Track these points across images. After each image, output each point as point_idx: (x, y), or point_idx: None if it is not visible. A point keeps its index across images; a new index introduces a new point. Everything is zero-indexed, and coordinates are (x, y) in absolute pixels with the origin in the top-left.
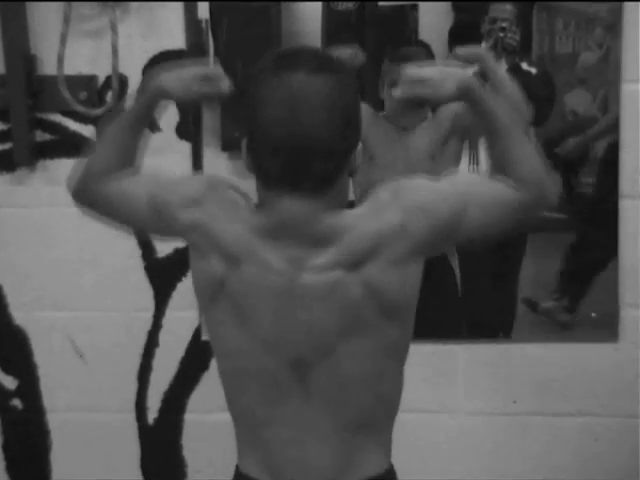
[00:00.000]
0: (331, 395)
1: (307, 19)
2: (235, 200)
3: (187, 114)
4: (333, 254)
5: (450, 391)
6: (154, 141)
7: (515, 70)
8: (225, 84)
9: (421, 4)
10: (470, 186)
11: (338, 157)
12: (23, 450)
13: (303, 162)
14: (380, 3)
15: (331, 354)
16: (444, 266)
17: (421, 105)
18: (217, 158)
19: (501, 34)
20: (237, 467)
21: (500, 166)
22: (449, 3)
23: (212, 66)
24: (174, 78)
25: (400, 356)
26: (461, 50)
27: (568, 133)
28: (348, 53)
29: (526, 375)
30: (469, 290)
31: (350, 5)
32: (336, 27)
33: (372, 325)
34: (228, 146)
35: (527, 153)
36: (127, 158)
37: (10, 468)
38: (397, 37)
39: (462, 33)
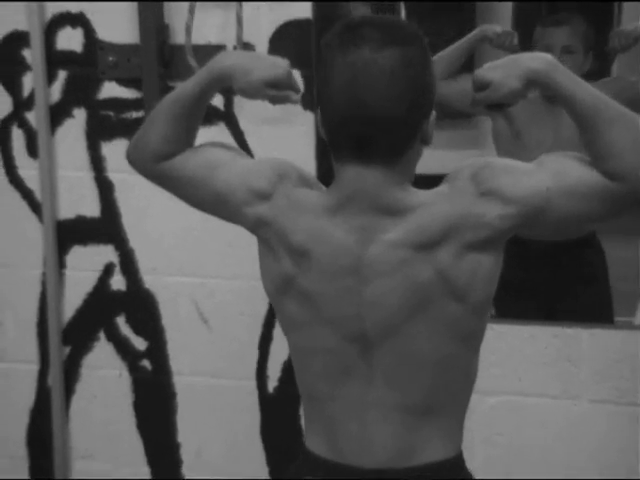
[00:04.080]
0: (394, 375)
1: None
2: (303, 190)
3: (312, 83)
4: (402, 230)
5: (573, 377)
6: (277, 111)
7: None
8: (295, 94)
9: None
10: (559, 173)
11: (407, 130)
12: (152, 410)
13: (371, 138)
14: None
15: (395, 333)
16: (592, 247)
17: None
18: None
19: None
20: (303, 443)
21: (592, 158)
22: None
23: (286, 70)
24: (243, 75)
25: (471, 342)
26: (623, 28)
27: None
28: (499, 33)
29: None
30: None
31: None
32: None
33: (439, 308)
34: None
35: (624, 144)
36: (186, 138)
37: (140, 426)
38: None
39: None
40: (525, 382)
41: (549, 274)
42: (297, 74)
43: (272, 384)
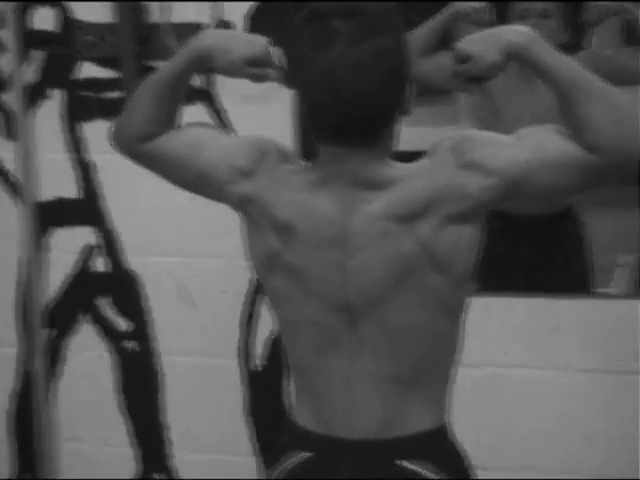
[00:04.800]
0: (380, 346)
1: None
2: (286, 166)
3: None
4: (384, 202)
5: (561, 347)
6: (256, 88)
7: None
8: (274, 71)
9: None
10: (538, 146)
11: (385, 114)
12: (138, 390)
13: (350, 128)
14: None
15: (379, 304)
16: (570, 219)
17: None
18: None
19: None
20: (291, 417)
21: (571, 131)
22: None
23: (265, 47)
24: (223, 54)
25: (453, 313)
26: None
27: None
28: (474, 9)
29: (637, 332)
30: None
31: None
32: None
33: (422, 279)
34: None
35: (601, 116)
36: (168, 118)
37: (127, 406)
38: None
39: None
40: (510, 354)
41: (530, 247)
42: (276, 52)
43: (256, 361)
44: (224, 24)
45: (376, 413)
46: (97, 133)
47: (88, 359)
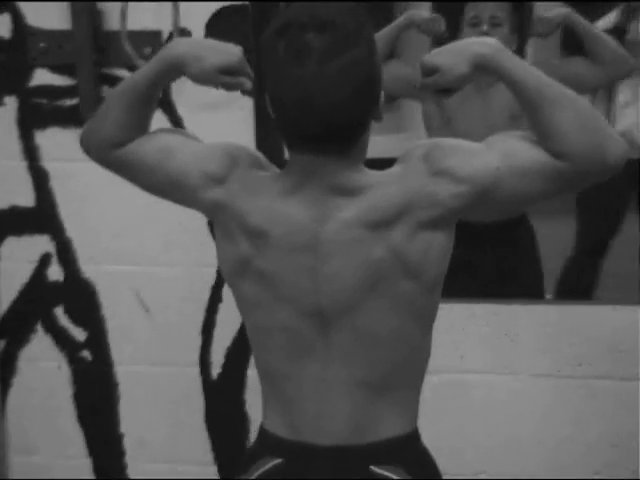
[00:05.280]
0: (351, 352)
1: None
2: (258, 173)
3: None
4: (356, 210)
5: (513, 352)
6: (215, 96)
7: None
8: (247, 80)
9: None
10: (507, 152)
11: (360, 124)
12: (93, 401)
13: (325, 138)
14: None
15: (351, 310)
16: (523, 226)
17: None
18: None
19: None
20: (261, 425)
21: (539, 138)
22: None
23: (239, 56)
24: (196, 62)
25: (424, 320)
26: (545, 15)
27: None
28: (427, 19)
29: (593, 337)
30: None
31: None
32: None
33: (393, 286)
34: None
35: (568, 124)
36: (140, 125)
37: (81, 417)
38: None
39: None
40: (467, 359)
41: (484, 254)
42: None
43: (215, 370)
44: (182, 32)
45: (347, 419)
46: (53, 141)
47: (42, 370)
